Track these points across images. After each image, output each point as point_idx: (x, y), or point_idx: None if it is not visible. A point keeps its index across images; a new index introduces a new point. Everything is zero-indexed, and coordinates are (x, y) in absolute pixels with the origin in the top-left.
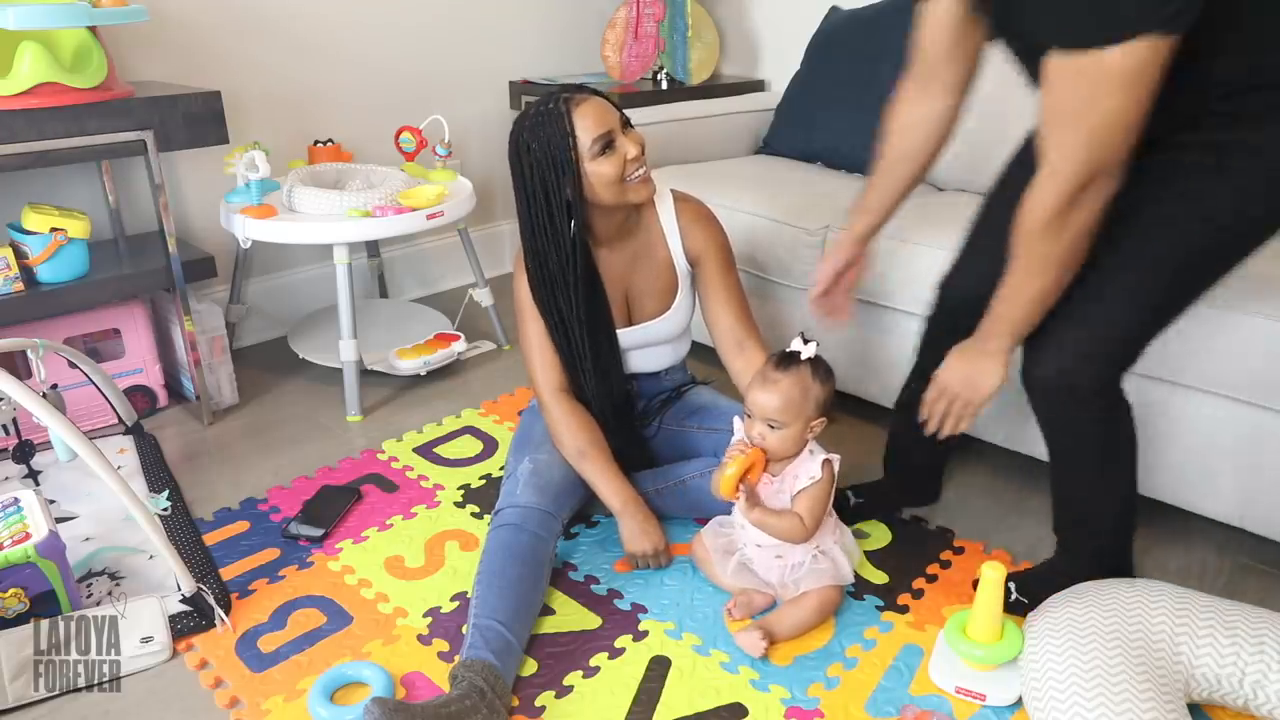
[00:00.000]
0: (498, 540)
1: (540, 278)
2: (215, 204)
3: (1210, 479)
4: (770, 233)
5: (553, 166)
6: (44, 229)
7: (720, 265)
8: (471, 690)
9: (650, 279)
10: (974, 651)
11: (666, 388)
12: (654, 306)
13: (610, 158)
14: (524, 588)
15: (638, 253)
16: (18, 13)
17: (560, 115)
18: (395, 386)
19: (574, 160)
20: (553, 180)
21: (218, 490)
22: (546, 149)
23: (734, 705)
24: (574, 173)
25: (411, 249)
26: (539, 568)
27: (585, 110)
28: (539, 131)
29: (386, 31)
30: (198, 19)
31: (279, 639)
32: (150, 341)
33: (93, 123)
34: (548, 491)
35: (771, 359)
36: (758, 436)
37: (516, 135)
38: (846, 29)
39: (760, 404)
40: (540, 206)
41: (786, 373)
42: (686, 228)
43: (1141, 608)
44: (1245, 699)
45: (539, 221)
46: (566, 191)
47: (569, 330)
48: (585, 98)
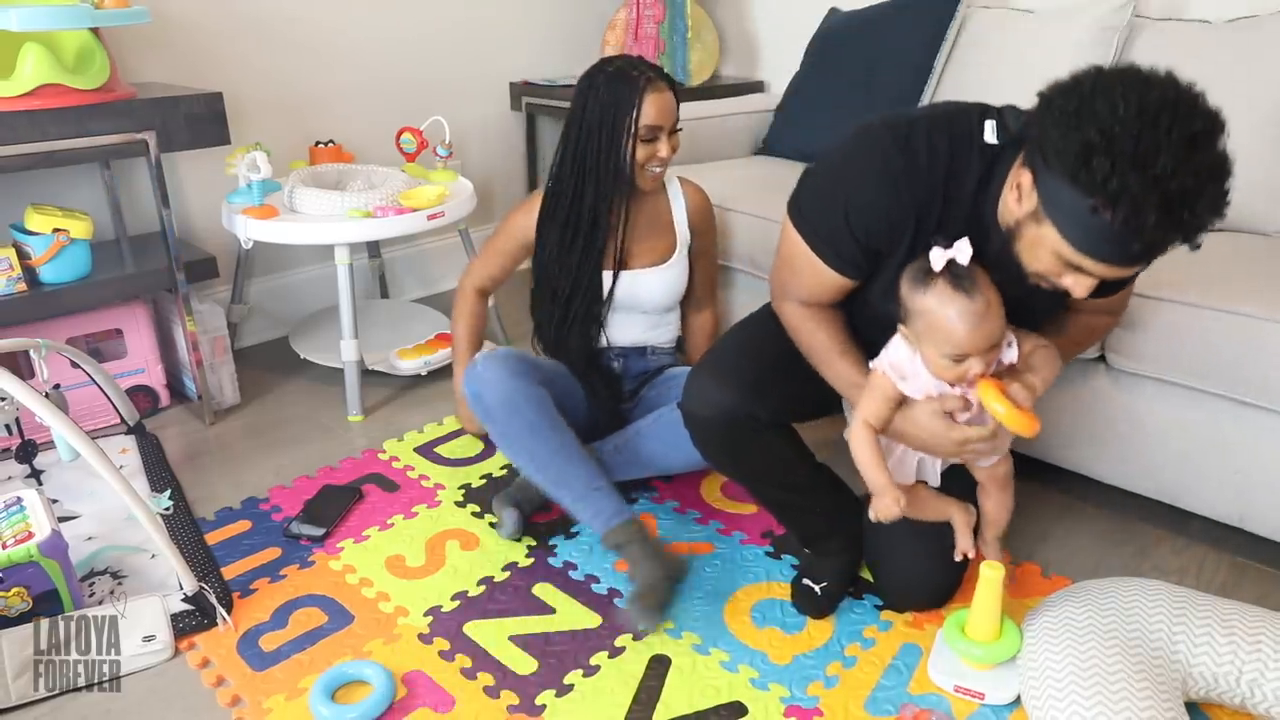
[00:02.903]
0: (516, 422)
1: (560, 210)
2: (217, 204)
3: (1208, 479)
4: (770, 233)
5: (612, 117)
6: (46, 229)
7: (712, 244)
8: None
9: (650, 234)
10: (973, 650)
11: (652, 367)
12: (648, 259)
13: (646, 146)
14: (567, 440)
15: (646, 211)
16: (20, 14)
17: (636, 87)
18: (396, 386)
19: (625, 127)
20: (607, 129)
21: (219, 490)
22: (613, 103)
23: (734, 704)
24: (622, 134)
25: (412, 249)
26: (564, 434)
27: (655, 99)
28: (614, 86)
29: (387, 33)
30: (199, 21)
31: (280, 638)
32: (152, 341)
33: (95, 124)
34: (511, 363)
35: (947, 280)
36: (973, 375)
37: (594, 74)
38: (846, 30)
39: (981, 340)
40: (584, 148)
41: (976, 292)
42: (692, 203)
43: (1139, 607)
44: (1242, 697)
45: (583, 157)
46: (610, 142)
47: (562, 262)
48: (662, 88)
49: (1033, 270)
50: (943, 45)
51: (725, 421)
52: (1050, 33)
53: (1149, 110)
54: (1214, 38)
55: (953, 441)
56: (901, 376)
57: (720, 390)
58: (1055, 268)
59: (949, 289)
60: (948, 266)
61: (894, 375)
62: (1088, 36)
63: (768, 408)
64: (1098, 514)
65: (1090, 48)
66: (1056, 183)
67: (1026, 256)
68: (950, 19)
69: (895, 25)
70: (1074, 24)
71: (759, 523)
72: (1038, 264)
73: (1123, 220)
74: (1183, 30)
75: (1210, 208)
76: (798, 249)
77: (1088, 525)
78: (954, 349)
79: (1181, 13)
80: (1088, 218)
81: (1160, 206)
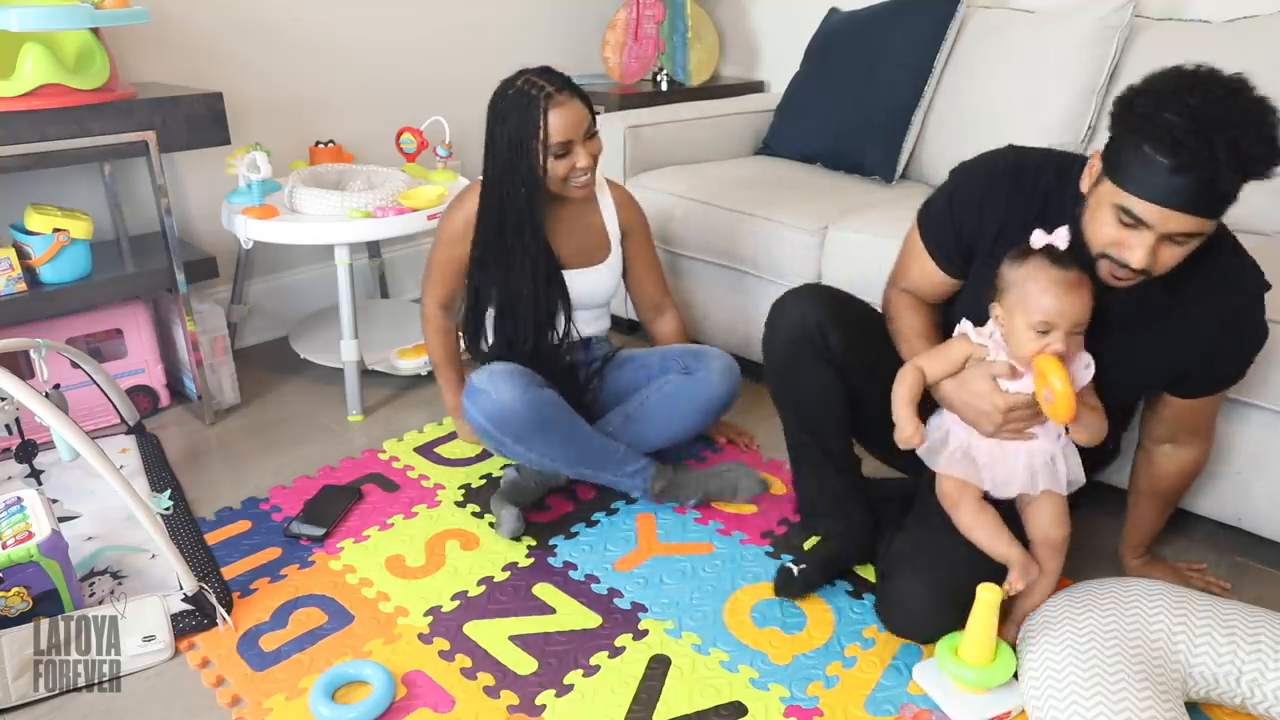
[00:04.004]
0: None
1: (494, 224)
2: (217, 205)
3: (1208, 479)
4: (770, 233)
5: (520, 143)
6: (47, 229)
7: (646, 238)
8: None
9: (583, 237)
10: (965, 673)
11: (598, 356)
12: (584, 261)
13: (563, 161)
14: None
15: (575, 217)
16: (21, 14)
17: (536, 105)
18: (396, 386)
19: (536, 147)
20: (519, 153)
21: (219, 490)
22: (519, 128)
23: (734, 704)
24: (534, 154)
25: (412, 249)
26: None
27: (558, 113)
28: (515, 111)
29: (387, 33)
30: (200, 21)
31: (280, 638)
32: (152, 341)
33: (95, 124)
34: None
35: (1045, 257)
36: (1051, 349)
37: (497, 101)
38: (845, 30)
39: (1070, 312)
40: (504, 170)
41: (1071, 268)
42: (620, 204)
43: (1139, 607)
44: (1242, 697)
45: (502, 179)
46: (525, 164)
47: (510, 269)
48: (564, 100)
49: (1099, 244)
50: (943, 45)
51: (799, 331)
52: (1050, 33)
53: (1187, 72)
54: (1214, 38)
55: (996, 406)
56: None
57: (808, 304)
58: (1115, 230)
59: (1045, 261)
60: (1046, 248)
61: (973, 335)
62: (1088, 36)
63: (841, 339)
64: (1098, 515)
65: (1090, 48)
66: (1113, 144)
67: (1091, 229)
68: (950, 19)
69: (895, 25)
70: (1074, 24)
71: (759, 523)
72: (1101, 231)
73: (1165, 149)
74: (1183, 30)
75: (1250, 137)
76: (912, 237)
77: (1088, 526)
78: (1042, 316)
79: (1181, 13)
80: (1137, 159)
81: (1194, 132)
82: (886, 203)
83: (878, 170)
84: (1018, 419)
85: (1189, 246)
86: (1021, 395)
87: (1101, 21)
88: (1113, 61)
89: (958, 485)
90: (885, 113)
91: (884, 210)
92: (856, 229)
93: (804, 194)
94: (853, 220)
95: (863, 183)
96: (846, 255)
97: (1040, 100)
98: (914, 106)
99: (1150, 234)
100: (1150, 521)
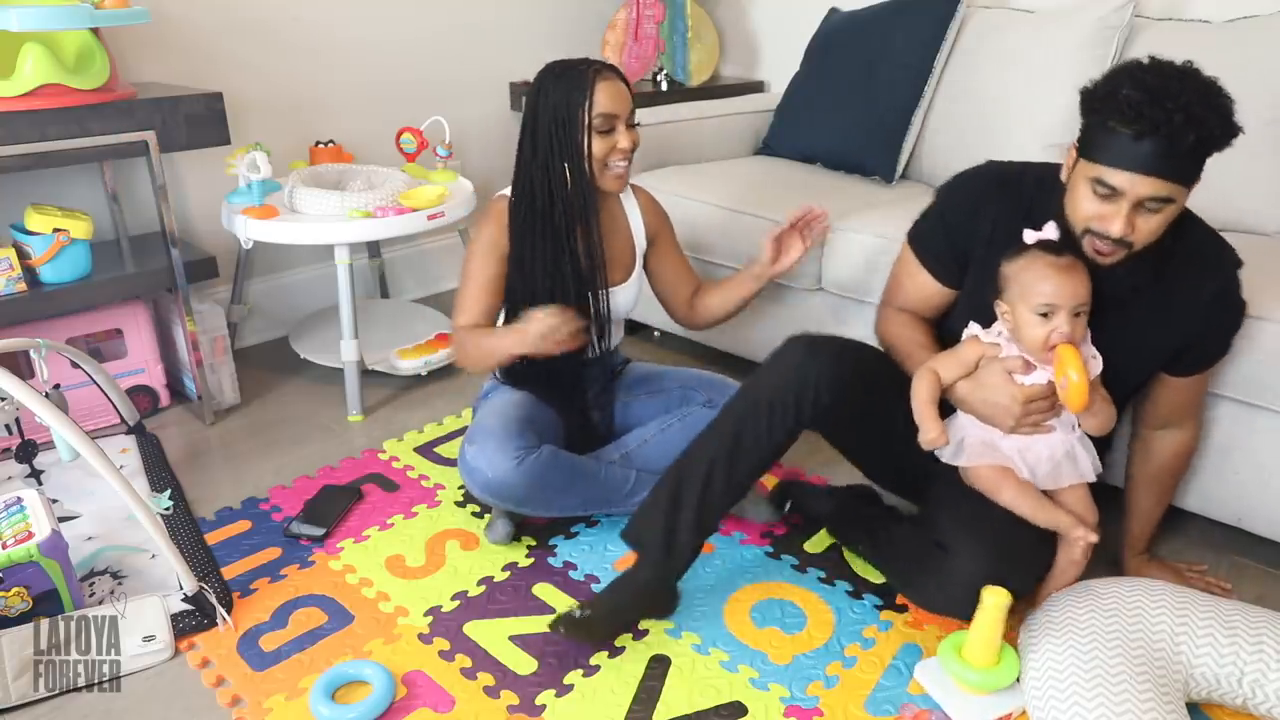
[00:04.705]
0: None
1: (528, 218)
2: (217, 205)
3: (1208, 479)
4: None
5: (566, 116)
6: (47, 229)
7: (675, 238)
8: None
9: (612, 248)
10: (968, 675)
11: (611, 365)
12: (613, 276)
13: (605, 138)
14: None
15: (604, 223)
16: (20, 14)
17: (585, 79)
18: (396, 386)
19: (581, 120)
20: (564, 128)
21: (219, 490)
22: (566, 98)
23: (733, 704)
24: (579, 126)
25: (412, 249)
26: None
27: (606, 87)
28: (562, 82)
29: (387, 33)
30: (199, 21)
31: (280, 638)
32: (152, 341)
33: (95, 124)
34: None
35: (1039, 249)
36: (1058, 335)
37: (542, 78)
38: (845, 30)
39: (1068, 291)
40: (545, 146)
41: (1064, 253)
42: (646, 209)
43: (1141, 607)
44: (1244, 698)
45: (545, 157)
46: (569, 137)
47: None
48: (611, 76)
49: (1080, 219)
50: (943, 45)
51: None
52: (1050, 33)
53: (1142, 61)
54: (1214, 38)
55: (1014, 398)
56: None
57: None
58: (1093, 203)
59: (1040, 250)
60: (1039, 242)
61: (983, 335)
62: (1088, 36)
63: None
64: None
65: (1090, 48)
66: (1083, 130)
67: (1071, 207)
68: (950, 19)
69: (895, 25)
70: (1074, 24)
71: (759, 523)
72: (1081, 206)
73: (1128, 120)
74: (1183, 30)
75: (1203, 105)
76: (904, 256)
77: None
78: (1044, 300)
79: (1181, 13)
80: (1103, 134)
81: (1151, 102)
82: (886, 203)
83: (878, 170)
84: (1035, 410)
85: (1163, 214)
86: (1038, 385)
87: (1101, 21)
88: (1113, 61)
89: (995, 470)
90: (885, 113)
91: (884, 210)
92: (856, 229)
93: (804, 194)
94: (853, 220)
95: (863, 183)
96: (847, 255)
97: (1040, 100)
98: (914, 106)
99: (1124, 202)
100: (1150, 511)
